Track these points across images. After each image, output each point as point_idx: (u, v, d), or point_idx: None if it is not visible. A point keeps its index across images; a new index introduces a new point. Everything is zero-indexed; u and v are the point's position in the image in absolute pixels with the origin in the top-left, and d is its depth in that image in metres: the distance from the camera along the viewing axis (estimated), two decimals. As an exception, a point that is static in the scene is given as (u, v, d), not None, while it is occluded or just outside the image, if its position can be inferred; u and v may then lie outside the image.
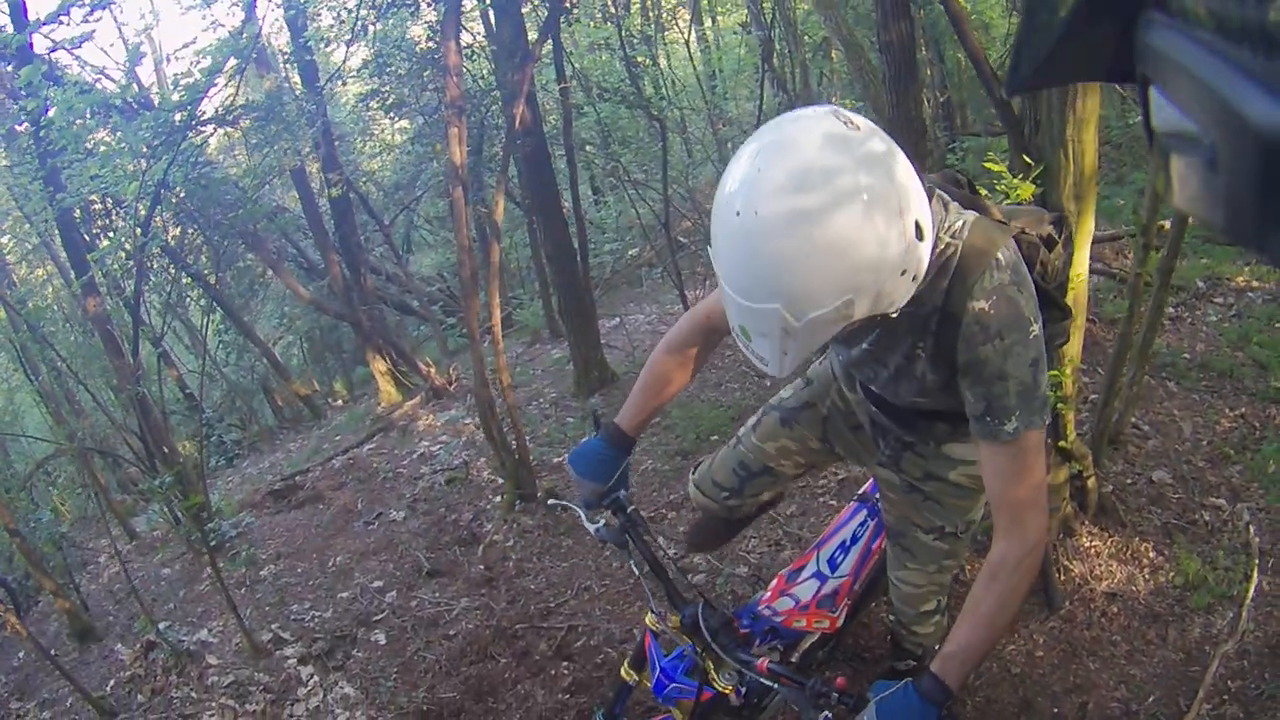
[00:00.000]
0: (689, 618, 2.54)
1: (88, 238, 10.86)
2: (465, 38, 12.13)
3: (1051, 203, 3.62)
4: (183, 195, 10.86)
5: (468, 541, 6.33)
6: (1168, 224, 4.32)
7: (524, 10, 8.78)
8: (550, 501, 3.18)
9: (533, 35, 8.22)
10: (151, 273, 12.53)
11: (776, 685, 2.32)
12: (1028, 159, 3.64)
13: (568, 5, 10.02)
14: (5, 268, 15.82)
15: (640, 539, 2.63)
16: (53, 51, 9.02)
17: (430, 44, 11.28)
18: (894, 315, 2.03)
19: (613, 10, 12.80)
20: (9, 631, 5.66)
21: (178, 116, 6.63)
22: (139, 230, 7.27)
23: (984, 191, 2.73)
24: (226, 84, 8.66)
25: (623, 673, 3.08)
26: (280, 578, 6.68)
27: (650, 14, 16.41)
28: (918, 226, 1.85)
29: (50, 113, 6.18)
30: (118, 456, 10.12)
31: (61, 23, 8.34)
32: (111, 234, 10.15)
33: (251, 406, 17.24)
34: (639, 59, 12.83)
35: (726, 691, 2.63)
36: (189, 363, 16.94)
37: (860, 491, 3.91)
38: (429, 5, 10.63)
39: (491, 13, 8.56)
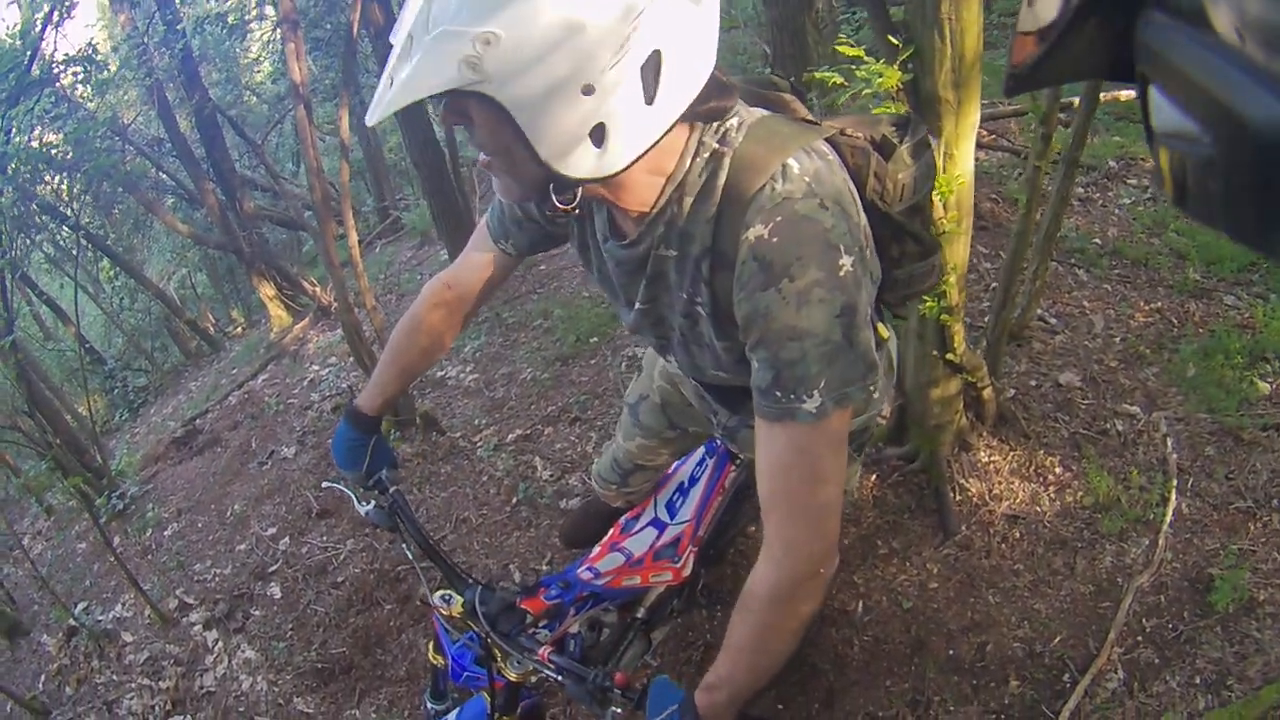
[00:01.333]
0: (468, 604, 2.35)
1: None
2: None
3: (924, 92, 3.22)
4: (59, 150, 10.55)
5: (351, 476, 6.26)
6: (1076, 101, 4.15)
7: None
8: (325, 485, 3.05)
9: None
10: (35, 231, 12.22)
11: (558, 677, 2.10)
12: (893, 40, 3.19)
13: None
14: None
15: (408, 520, 2.50)
16: None
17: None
18: (622, 243, 1.74)
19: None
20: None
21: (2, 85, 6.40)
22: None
23: (839, 81, 2.48)
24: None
25: (430, 657, 2.92)
26: (183, 535, 6.66)
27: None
28: (656, 58, 1.37)
29: None
30: (9, 438, 9.97)
31: None
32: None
33: (158, 347, 16.98)
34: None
35: (518, 680, 2.40)
36: (91, 313, 16.62)
37: None
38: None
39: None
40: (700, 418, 2.73)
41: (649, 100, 1.39)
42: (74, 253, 12.04)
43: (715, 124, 1.60)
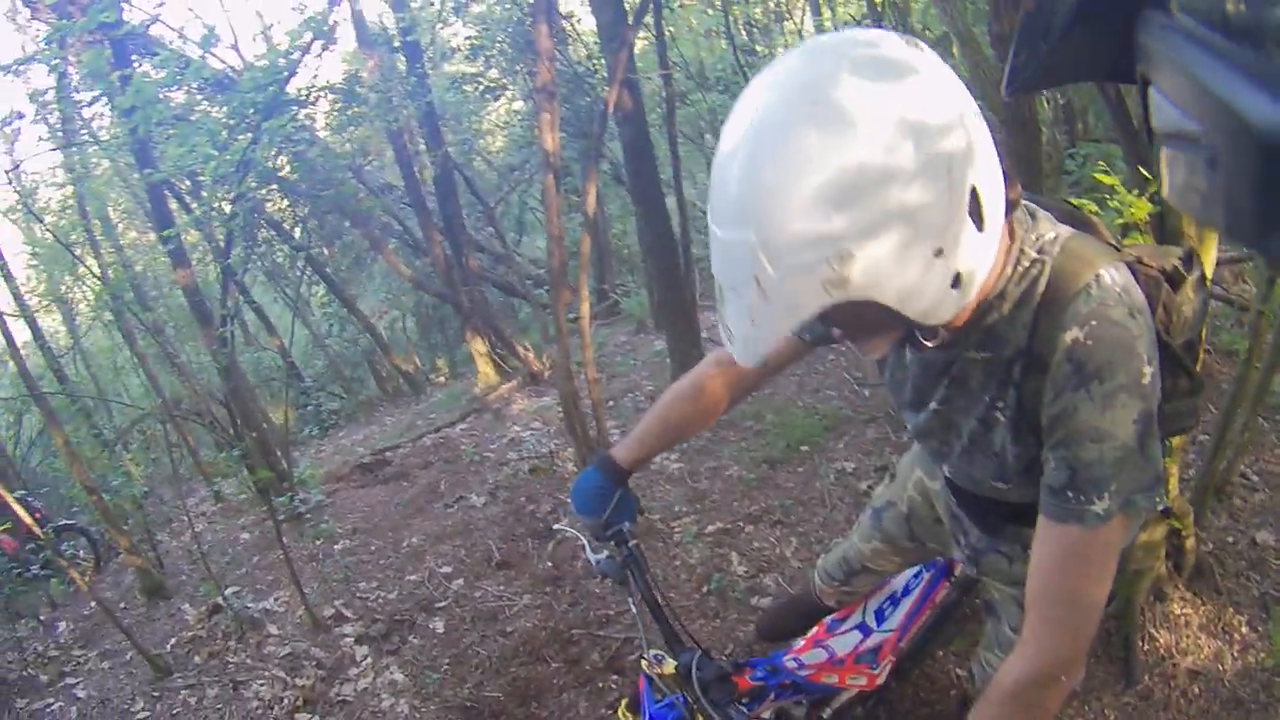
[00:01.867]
0: (683, 667, 2.32)
1: (196, 208, 11.03)
2: (572, 23, 12.08)
3: (1169, 226, 3.21)
4: (288, 171, 10.97)
5: (542, 535, 6.21)
6: None
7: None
8: (555, 528, 2.95)
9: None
10: (255, 244, 12.72)
11: None
12: (1145, 172, 3.22)
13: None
14: (113, 232, 16.21)
15: (640, 575, 2.42)
16: (147, 27, 9.07)
17: (527, 26, 11.11)
18: (934, 345, 1.68)
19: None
20: (81, 584, 5.72)
21: (257, 98, 6.61)
22: (228, 202, 7.28)
23: (1093, 208, 2.43)
24: (309, 63, 8.67)
25: (620, 714, 2.88)
26: (353, 553, 6.71)
27: (768, 3, 16.05)
28: (974, 194, 1.38)
29: (124, 96, 6.17)
30: (201, 421, 10.31)
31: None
32: (196, 209, 10.26)
33: (356, 377, 17.51)
34: (755, 47, 12.64)
35: None
36: (296, 332, 17.24)
37: None
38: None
39: (590, -5, 8.40)
40: (944, 537, 2.67)
41: (980, 229, 1.42)
42: (291, 271, 12.51)
43: (1034, 236, 1.65)
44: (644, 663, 2.51)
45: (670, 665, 2.38)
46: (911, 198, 1.31)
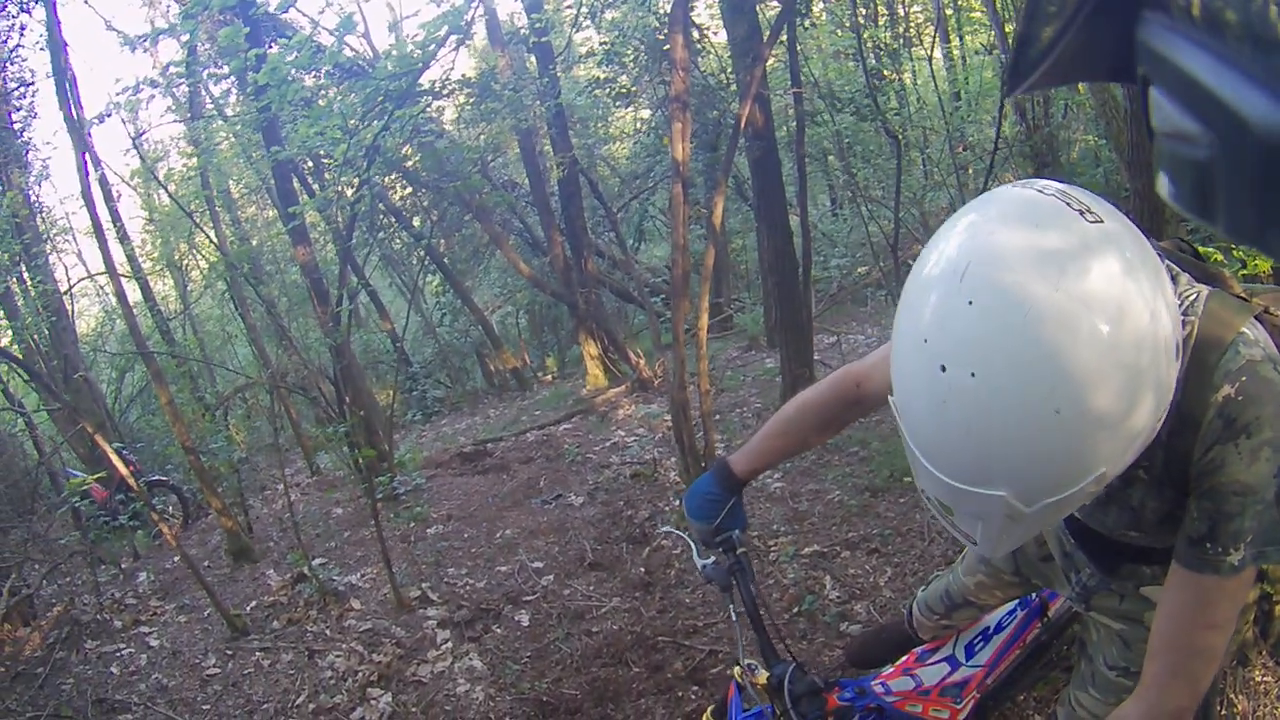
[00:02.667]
0: (775, 678, 2.29)
1: (318, 188, 11.23)
2: (705, 35, 12.07)
3: None
4: (415, 161, 11.11)
5: (637, 540, 6.18)
6: None
7: (759, 8, 8.51)
8: (664, 530, 2.94)
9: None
10: (374, 229, 12.92)
11: None
12: None
13: (802, 9, 9.77)
14: (232, 206, 16.60)
15: (745, 584, 2.40)
16: (283, 12, 9.25)
17: (661, 36, 11.12)
18: None
19: (860, 19, 12.46)
20: (170, 537, 5.83)
21: (391, 86, 6.69)
22: (352, 187, 7.38)
23: (1218, 258, 2.36)
24: (442, 57, 8.76)
25: (705, 719, 2.88)
26: (445, 539, 6.76)
27: (898, 27, 15.95)
28: (1176, 347, 1.40)
29: (260, 72, 6.29)
30: (307, 394, 10.49)
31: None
32: (318, 191, 10.44)
33: (463, 368, 17.70)
34: (883, 72, 12.52)
35: None
36: (409, 320, 17.51)
37: None
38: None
39: (725, 9, 8.38)
40: (1053, 573, 2.62)
41: (1175, 358, 1.42)
42: (409, 259, 12.65)
43: (1178, 300, 1.60)
44: (737, 670, 2.51)
45: (763, 675, 2.37)
46: (1148, 403, 1.34)
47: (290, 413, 10.84)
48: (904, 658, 3.23)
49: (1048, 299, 1.26)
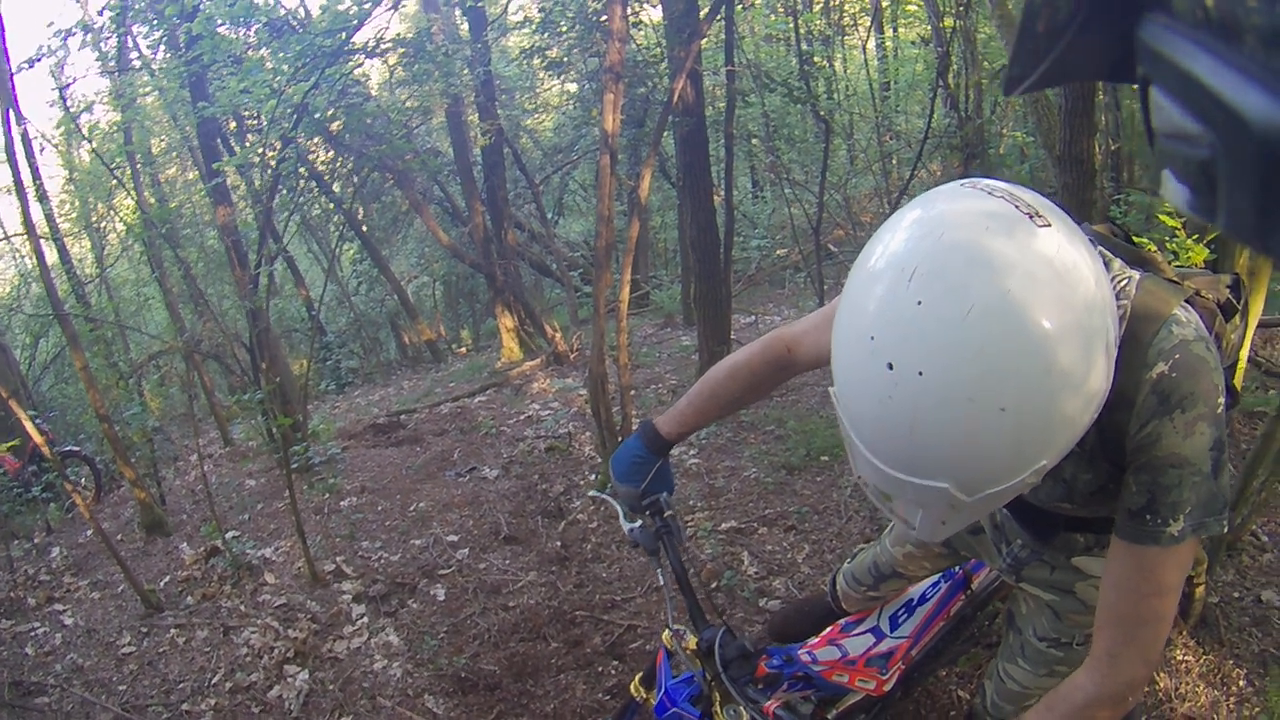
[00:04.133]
0: (705, 642, 2.31)
1: (238, 148, 11.02)
2: (642, 10, 12.02)
3: (1223, 271, 3.24)
4: (339, 124, 10.94)
5: (552, 514, 6.18)
6: None
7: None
8: (591, 494, 2.94)
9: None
10: (295, 193, 12.75)
11: None
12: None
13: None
14: (153, 165, 16.22)
15: (673, 548, 2.44)
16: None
17: (598, 4, 11.06)
18: None
19: (796, 4, 12.49)
20: (84, 509, 5.69)
21: (324, 43, 6.56)
22: (277, 146, 7.24)
23: (1152, 248, 2.40)
24: (379, 15, 8.63)
25: (632, 688, 2.89)
26: (359, 511, 6.68)
27: (832, 16, 16.07)
28: (1110, 345, 1.45)
29: (194, 21, 6.14)
30: (223, 361, 10.31)
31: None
32: (239, 151, 10.25)
33: (377, 338, 17.54)
34: (815, 58, 12.57)
35: None
36: (323, 287, 17.33)
37: None
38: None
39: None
40: (982, 544, 2.65)
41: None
42: (327, 225, 12.47)
43: (1111, 282, 1.62)
44: (666, 635, 2.51)
45: (693, 640, 2.38)
46: (1097, 395, 1.43)
47: (205, 380, 10.66)
48: (829, 629, 3.27)
49: (995, 299, 1.30)
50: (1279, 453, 4.06)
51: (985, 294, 1.30)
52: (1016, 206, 1.39)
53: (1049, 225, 1.37)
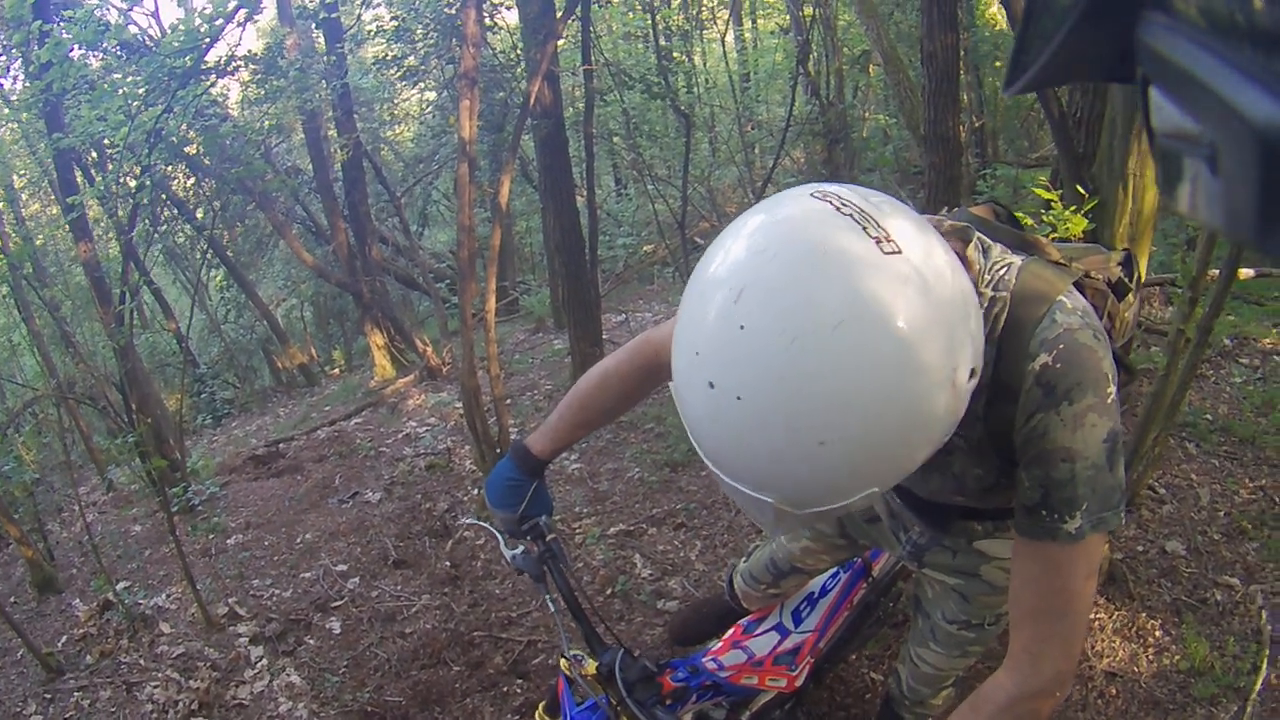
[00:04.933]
0: (605, 666, 2.29)
1: (100, 179, 10.74)
2: (498, 15, 11.97)
3: (1102, 241, 3.35)
4: (198, 147, 10.72)
5: (439, 534, 6.12)
6: (1215, 273, 4.09)
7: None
8: (467, 523, 2.87)
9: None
10: (157, 221, 12.41)
11: None
12: (1082, 190, 3.30)
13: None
14: (15, 201, 15.69)
15: (559, 571, 2.39)
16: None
17: (452, 11, 10.95)
18: None
19: (654, 0, 12.58)
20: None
21: (175, 64, 6.42)
22: (134, 176, 7.07)
23: (1029, 222, 2.46)
24: (229, 34, 8.47)
25: (537, 717, 2.82)
26: (246, 549, 6.55)
27: (690, 10, 16.14)
28: (971, 372, 1.38)
29: (42, 48, 5.97)
30: (95, 405, 10.08)
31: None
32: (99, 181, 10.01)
33: (250, 366, 17.23)
34: (674, 53, 12.67)
35: None
36: (193, 318, 16.93)
37: None
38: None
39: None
40: (880, 533, 2.64)
41: (971, 378, 1.41)
42: (192, 253, 12.21)
43: (990, 271, 1.67)
44: (563, 663, 2.47)
45: (592, 665, 2.35)
46: (939, 426, 1.37)
47: (81, 426, 10.37)
48: (730, 630, 3.24)
49: (821, 332, 1.25)
50: (1169, 408, 4.19)
51: (811, 324, 1.25)
52: (865, 229, 1.31)
53: (898, 253, 1.30)
